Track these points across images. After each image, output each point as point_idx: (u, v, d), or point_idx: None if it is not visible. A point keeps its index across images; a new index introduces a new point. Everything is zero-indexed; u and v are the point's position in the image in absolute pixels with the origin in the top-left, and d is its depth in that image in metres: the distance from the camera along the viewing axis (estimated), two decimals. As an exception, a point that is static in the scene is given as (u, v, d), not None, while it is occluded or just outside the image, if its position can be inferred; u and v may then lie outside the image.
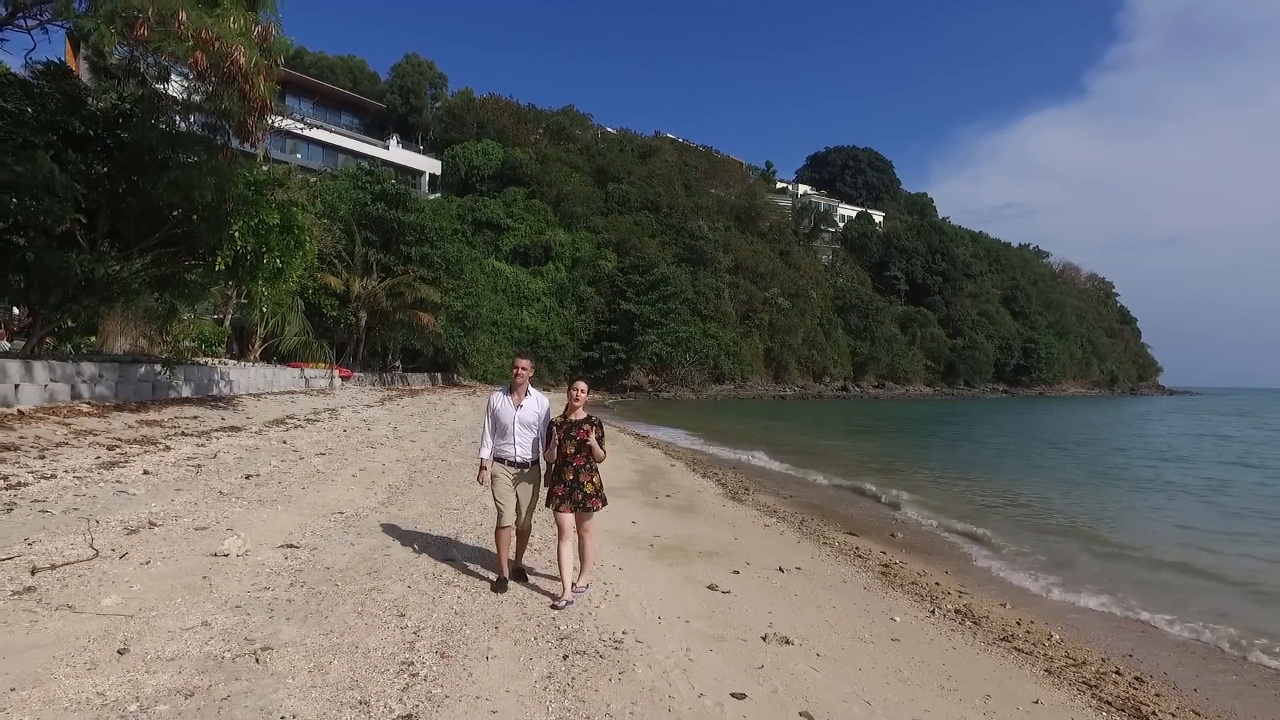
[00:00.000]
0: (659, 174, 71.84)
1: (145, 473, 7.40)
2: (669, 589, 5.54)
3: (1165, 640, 6.32)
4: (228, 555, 4.92)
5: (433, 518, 7.02)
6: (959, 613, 6.28)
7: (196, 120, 12.07)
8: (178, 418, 11.35)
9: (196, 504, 6.37)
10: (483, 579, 5.05)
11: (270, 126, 12.74)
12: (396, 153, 57.55)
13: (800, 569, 6.97)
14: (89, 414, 10.05)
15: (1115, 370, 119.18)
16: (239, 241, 11.72)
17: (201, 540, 5.24)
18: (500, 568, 4.98)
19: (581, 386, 4.87)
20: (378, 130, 60.43)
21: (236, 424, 12.05)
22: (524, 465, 4.91)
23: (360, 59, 70.75)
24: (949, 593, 7.05)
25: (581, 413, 4.82)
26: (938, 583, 7.43)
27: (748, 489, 12.72)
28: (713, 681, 3.80)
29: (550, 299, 55.02)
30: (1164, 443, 28.87)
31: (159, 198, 11.18)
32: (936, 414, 48.47)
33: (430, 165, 60.63)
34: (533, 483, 4.99)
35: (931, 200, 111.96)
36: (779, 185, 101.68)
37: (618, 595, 5.10)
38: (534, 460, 4.94)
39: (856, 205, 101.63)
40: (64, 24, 11.70)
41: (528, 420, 4.87)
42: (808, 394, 70.28)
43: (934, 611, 6.22)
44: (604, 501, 4.90)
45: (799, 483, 14.85)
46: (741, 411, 43.38)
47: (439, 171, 60.85)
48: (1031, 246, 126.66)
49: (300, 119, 42.26)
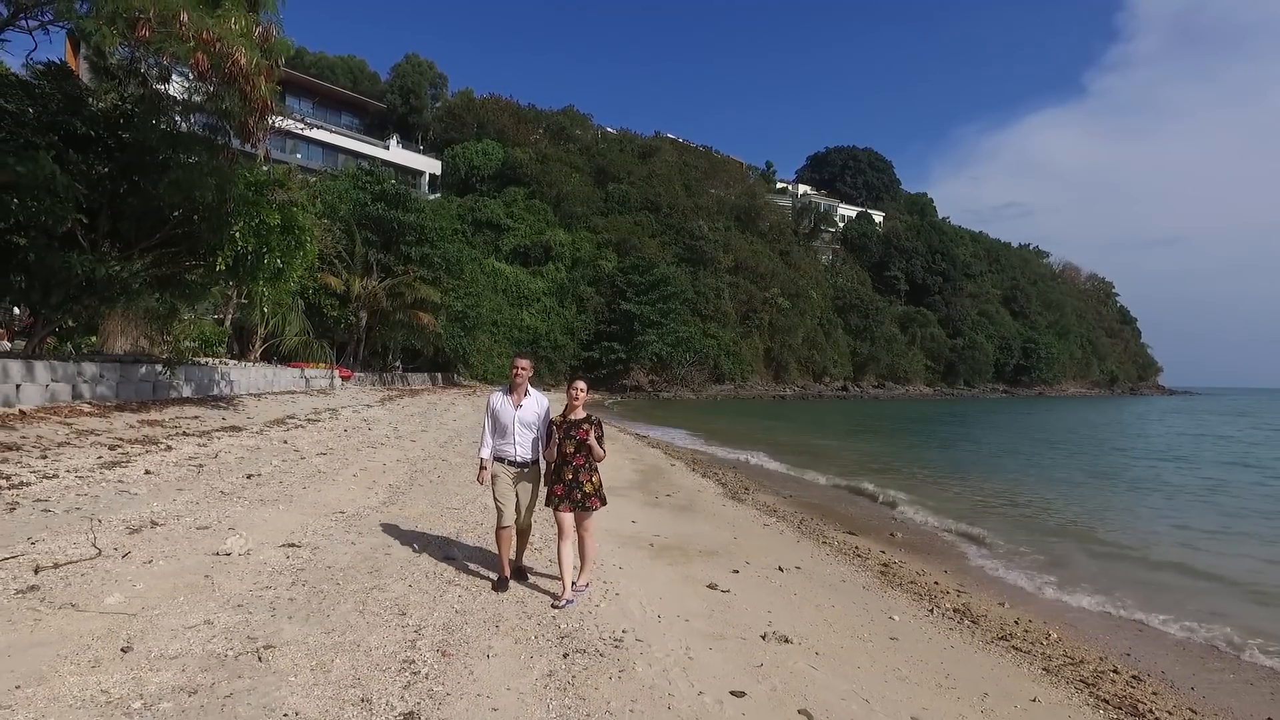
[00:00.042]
0: (659, 174, 71.90)
1: (147, 472, 7.42)
2: (669, 588, 5.57)
3: (1163, 639, 6.36)
4: (230, 554, 4.95)
5: (433, 517, 7.04)
6: (957, 612, 6.31)
7: (197, 121, 12.09)
8: (179, 418, 11.38)
9: (198, 503, 6.39)
10: (483, 578, 5.07)
11: (271, 127, 12.75)
12: (396, 153, 57.58)
13: (800, 568, 7.00)
14: (90, 414, 10.08)
15: (1115, 370, 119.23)
16: (240, 242, 11.75)
17: (203, 539, 5.26)
18: (501, 567, 5.00)
19: (581, 386, 4.89)
20: (378, 130, 60.47)
21: (237, 424, 12.08)
22: (524, 465, 4.93)
23: (360, 59, 70.96)
24: (948, 592, 7.08)
25: (581, 412, 4.84)
26: (936, 582, 7.46)
27: (747, 488, 12.75)
28: (712, 680, 3.82)
29: (550, 299, 55.05)
30: (1163, 443, 28.90)
31: (160, 198, 11.21)
32: (936, 414, 48.50)
33: (430, 165, 60.66)
34: (532, 482, 5.01)
35: (931, 200, 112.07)
36: (779, 185, 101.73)
37: (618, 594, 5.13)
38: (534, 460, 4.96)
39: (856, 205, 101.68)
40: (65, 25, 11.74)
41: (527, 420, 4.89)
42: (808, 394, 70.30)
43: (933, 610, 6.24)
44: (603, 501, 4.92)
45: (798, 482, 14.87)
46: (741, 411, 43.40)
47: (439, 171, 60.89)
48: (1031, 246, 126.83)
49: (300, 119, 42.28)
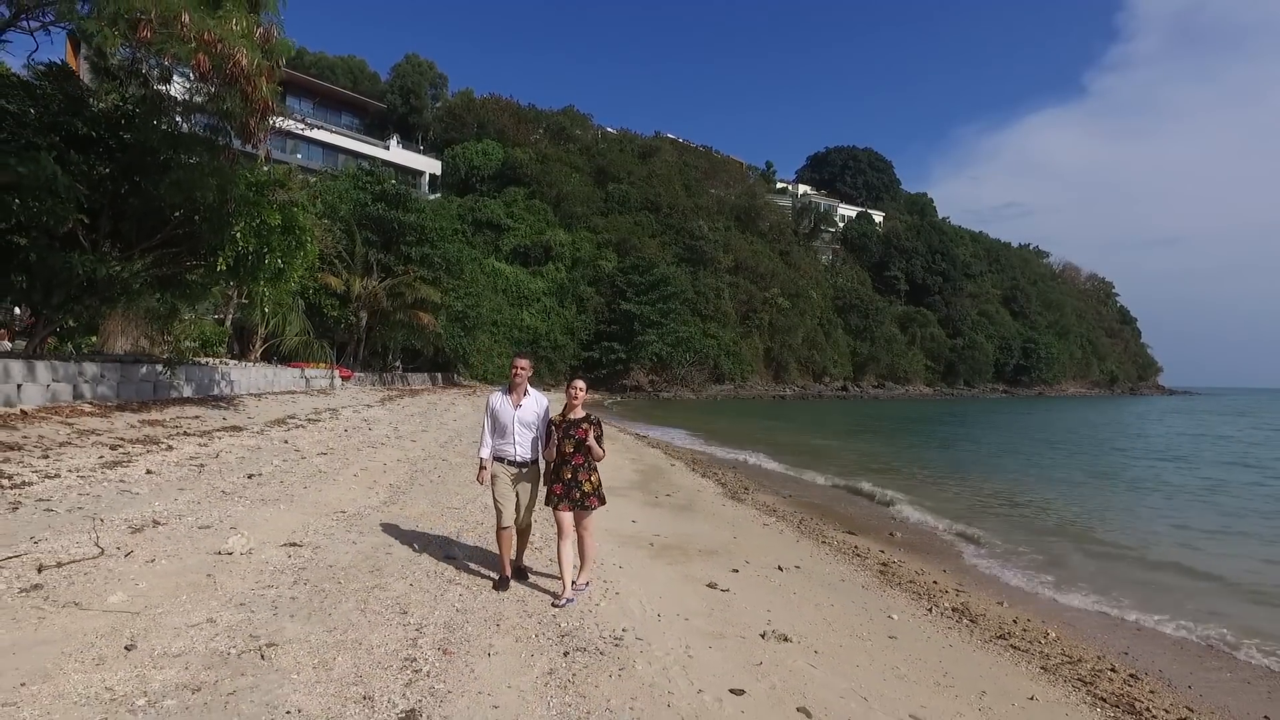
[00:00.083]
0: (659, 174, 71.93)
1: (148, 472, 7.45)
2: (669, 587, 5.59)
3: (1161, 639, 6.38)
4: (231, 553, 4.97)
5: (434, 517, 7.07)
6: (956, 611, 6.33)
7: (198, 121, 12.11)
8: (179, 418, 11.40)
9: (200, 503, 6.41)
10: (484, 577, 5.10)
11: (271, 127, 12.77)
12: (397, 153, 57.60)
13: (799, 567, 7.02)
14: (91, 414, 10.11)
15: (1115, 370, 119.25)
16: (240, 242, 11.78)
17: (205, 539, 5.29)
18: (501, 566, 5.02)
19: (579, 385, 4.91)
20: (378, 130, 60.50)
21: (238, 424, 12.10)
22: (523, 464, 4.95)
23: (360, 59, 70.98)
24: (946, 591, 7.11)
25: (580, 411, 4.86)
26: (935, 581, 7.48)
27: (747, 488, 12.77)
28: (712, 678, 3.84)
29: (550, 299, 55.08)
30: (1163, 443, 28.92)
31: (161, 198, 11.23)
32: (936, 414, 48.52)
33: (430, 165, 60.70)
34: (532, 482, 5.03)
35: (931, 200, 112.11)
36: (779, 185, 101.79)
37: (618, 593, 5.15)
38: (533, 460, 4.98)
39: (856, 205, 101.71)
40: (66, 25, 11.77)
41: (527, 420, 4.91)
42: (807, 394, 70.33)
43: (931, 610, 6.27)
44: (601, 500, 4.92)
45: (798, 482, 14.90)
46: (741, 411, 43.43)
47: (439, 172, 60.92)
48: (1031, 246, 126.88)
49: (301, 119, 42.28)
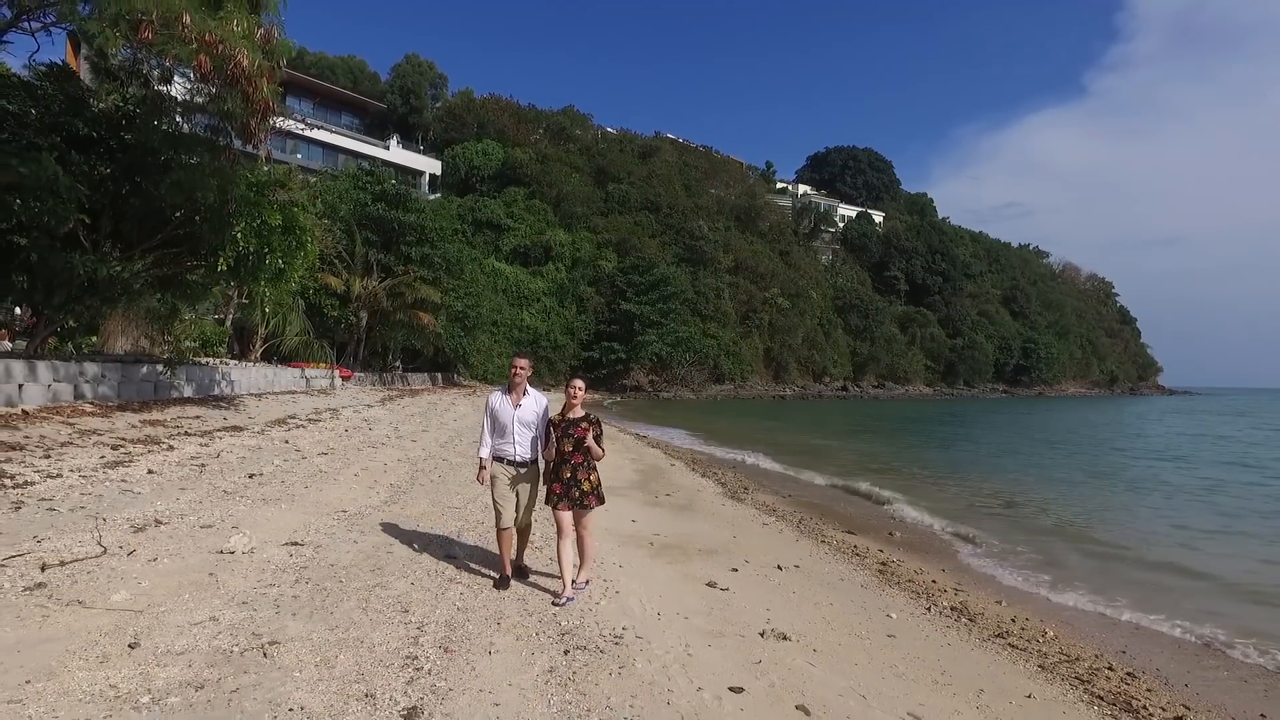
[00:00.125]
0: (659, 174, 71.95)
1: (150, 472, 7.47)
2: (668, 586, 5.61)
3: (1158, 637, 6.40)
4: (233, 553, 4.99)
5: (435, 516, 7.09)
6: (954, 610, 6.36)
7: (199, 122, 12.14)
8: (180, 418, 11.43)
9: (201, 502, 6.44)
10: (485, 576, 5.12)
11: (272, 127, 12.79)
12: (397, 153, 57.63)
13: (798, 567, 7.04)
14: (92, 414, 10.13)
15: (1115, 370, 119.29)
16: (241, 242, 11.80)
17: (207, 538, 5.31)
18: (502, 566, 5.04)
19: (578, 384, 4.94)
20: (378, 130, 60.52)
21: (239, 424, 12.13)
22: (523, 464, 4.97)
23: (360, 59, 71.00)
24: (945, 590, 7.13)
25: (579, 410, 4.88)
26: (934, 580, 7.50)
27: (747, 488, 12.79)
28: (711, 676, 3.86)
29: (550, 299, 55.10)
30: (1162, 443, 28.95)
31: (162, 199, 11.25)
32: (936, 414, 48.55)
33: (430, 165, 60.72)
34: (531, 481, 5.04)
35: (931, 200, 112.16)
36: (779, 185, 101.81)
37: (618, 592, 5.17)
38: (533, 459, 4.99)
39: (856, 205, 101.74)
40: (67, 26, 11.79)
41: (526, 419, 4.93)
42: (807, 394, 70.35)
43: (930, 609, 6.29)
44: (600, 500, 4.93)
45: (797, 482, 14.92)
46: (741, 411, 43.45)
47: (439, 172, 60.95)
48: (1031, 246, 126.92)
49: (301, 119, 42.31)
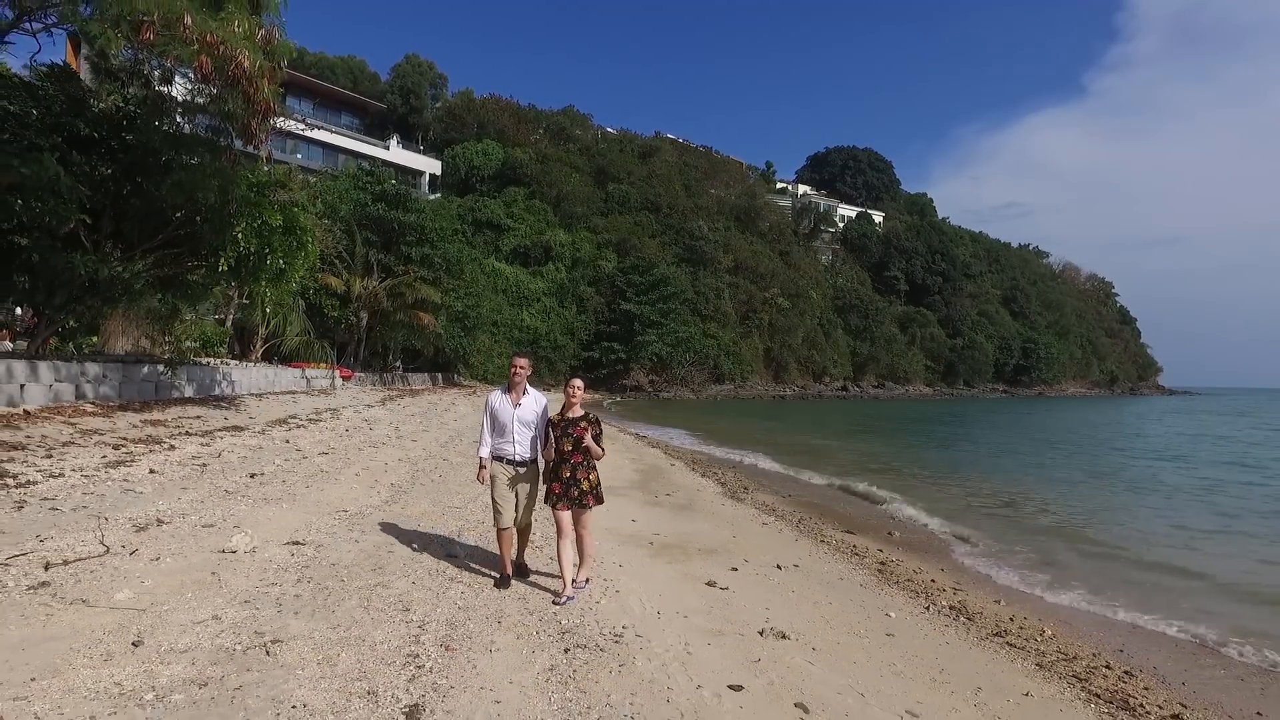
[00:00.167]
0: (659, 174, 71.97)
1: (151, 471, 7.50)
2: (668, 585, 5.63)
3: (1156, 637, 6.43)
4: (235, 552, 5.02)
5: (435, 516, 7.11)
6: (953, 609, 6.38)
7: (200, 122, 12.16)
8: (181, 417, 11.45)
9: (203, 502, 6.47)
10: (485, 575, 5.15)
11: (272, 128, 12.82)
12: (397, 153, 57.65)
13: (798, 566, 7.07)
14: (94, 414, 10.15)
15: (1115, 370, 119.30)
16: (242, 242, 11.83)
17: (209, 537, 5.34)
18: (502, 565, 5.06)
19: (577, 384, 4.96)
20: (378, 130, 60.54)
21: (239, 424, 12.15)
22: (523, 463, 4.98)
23: (360, 59, 71.01)
24: (944, 589, 7.15)
25: (578, 410, 4.90)
26: (933, 580, 7.53)
27: (747, 488, 12.81)
28: (710, 674, 3.89)
29: (550, 299, 55.12)
30: (1162, 443, 28.97)
31: (163, 199, 11.28)
32: (936, 414, 48.56)
33: (430, 165, 60.74)
34: (531, 481, 5.06)
35: (931, 200, 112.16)
36: (779, 185, 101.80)
37: (618, 591, 5.20)
38: (532, 459, 5.01)
39: (856, 205, 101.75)
40: (68, 27, 11.82)
41: (526, 419, 4.95)
42: (807, 394, 70.37)
43: (929, 608, 6.32)
44: (599, 500, 4.93)
45: (797, 482, 14.94)
46: (741, 411, 43.47)
47: (439, 172, 60.96)
48: (1031, 246, 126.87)
49: (301, 120, 42.33)
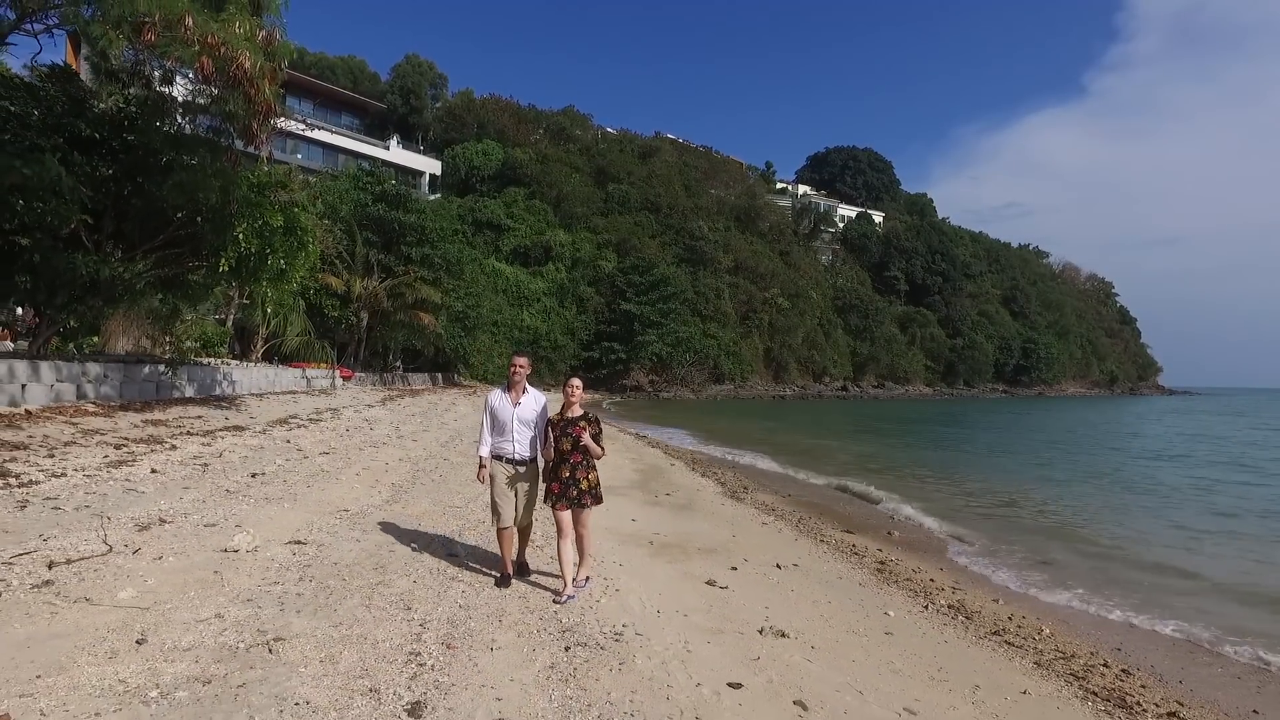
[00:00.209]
0: (659, 174, 71.99)
1: (153, 471, 7.52)
2: (668, 584, 5.66)
3: (1153, 636, 6.45)
4: (237, 551, 5.05)
5: (436, 515, 7.14)
6: (952, 608, 6.41)
7: (201, 123, 12.19)
8: (182, 417, 11.48)
9: (205, 501, 6.49)
10: (486, 574, 5.17)
11: (273, 128, 12.84)
12: (397, 153, 57.69)
13: (797, 565, 7.09)
14: (95, 413, 10.18)
15: (1115, 370, 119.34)
16: (243, 243, 11.87)
17: (211, 536, 5.37)
18: (503, 564, 5.09)
19: (576, 383, 4.98)
20: (378, 131, 60.57)
21: (240, 424, 12.18)
22: (523, 462, 5.00)
23: (360, 59, 71.07)
24: (942, 589, 7.18)
25: (578, 409, 4.91)
26: (932, 579, 7.55)
27: (746, 488, 12.84)
28: (710, 672, 3.91)
29: (550, 299, 55.15)
30: (1161, 443, 29.00)
31: (164, 199, 11.31)
32: (935, 414, 48.59)
33: (430, 166, 60.79)
34: (531, 480, 5.07)
35: (931, 200, 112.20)
36: (779, 185, 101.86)
37: (618, 590, 5.22)
38: (532, 458, 5.02)
39: (856, 205, 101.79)
40: (69, 28, 11.84)
41: (526, 418, 4.97)
42: (807, 394, 70.39)
43: (927, 607, 6.34)
44: (597, 499, 4.93)
45: (797, 482, 14.96)
46: (741, 412, 43.50)
47: (439, 172, 61.01)
48: (1031, 246, 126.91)
49: (302, 120, 42.37)
